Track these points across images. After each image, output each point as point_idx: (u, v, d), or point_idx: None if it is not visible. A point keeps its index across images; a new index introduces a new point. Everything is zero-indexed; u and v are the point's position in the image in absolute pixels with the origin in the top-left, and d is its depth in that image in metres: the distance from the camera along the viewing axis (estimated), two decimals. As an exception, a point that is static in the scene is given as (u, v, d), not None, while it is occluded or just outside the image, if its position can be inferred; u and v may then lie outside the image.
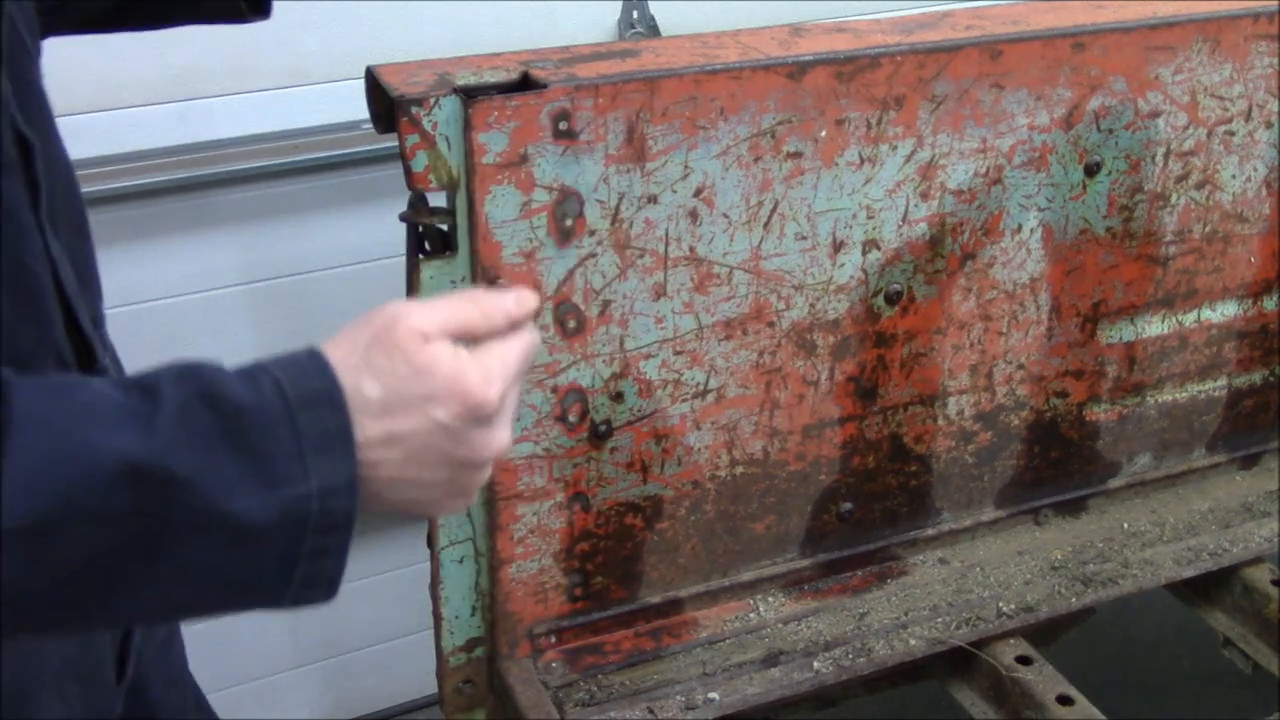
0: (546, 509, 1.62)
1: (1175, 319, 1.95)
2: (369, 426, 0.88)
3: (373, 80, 1.47)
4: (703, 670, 1.71)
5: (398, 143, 1.42)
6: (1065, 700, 1.69)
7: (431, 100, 1.39)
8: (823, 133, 1.56)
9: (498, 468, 1.56)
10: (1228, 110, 1.82)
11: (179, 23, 1.45)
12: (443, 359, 0.90)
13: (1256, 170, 1.89)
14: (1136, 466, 2.07)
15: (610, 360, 1.57)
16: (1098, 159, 1.76)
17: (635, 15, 2.45)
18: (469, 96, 1.39)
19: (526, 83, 1.43)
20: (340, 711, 2.81)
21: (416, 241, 1.50)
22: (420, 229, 1.49)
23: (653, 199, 1.51)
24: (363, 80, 1.51)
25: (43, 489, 0.80)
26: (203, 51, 2.10)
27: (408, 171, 1.42)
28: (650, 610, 1.76)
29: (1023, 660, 1.76)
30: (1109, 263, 1.85)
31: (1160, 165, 1.81)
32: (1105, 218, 1.81)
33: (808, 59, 1.52)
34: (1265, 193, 1.91)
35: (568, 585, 1.68)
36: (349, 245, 2.39)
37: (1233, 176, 1.88)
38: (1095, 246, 1.82)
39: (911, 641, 1.77)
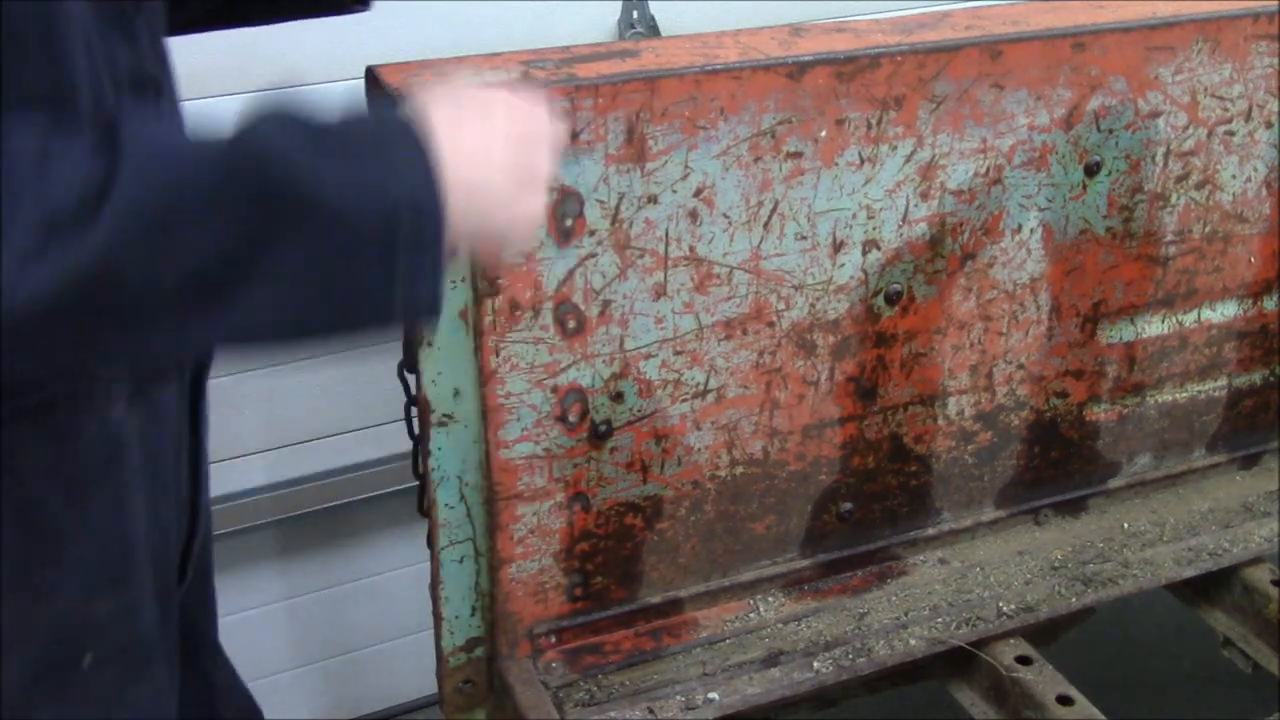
0: (546, 509, 1.62)
1: (1175, 319, 1.95)
2: (445, 142, 1.00)
3: (373, 80, 1.47)
4: (703, 670, 1.71)
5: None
6: (1065, 700, 1.69)
7: (431, 100, 1.39)
8: (823, 133, 1.56)
9: (498, 468, 1.56)
10: (1228, 110, 1.82)
11: (286, 18, 1.59)
12: (500, 92, 1.10)
13: (1256, 170, 1.89)
14: (1136, 466, 2.07)
15: (610, 360, 1.57)
16: (1098, 159, 1.76)
17: (635, 15, 2.45)
18: (469, 96, 1.39)
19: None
20: (340, 711, 2.81)
21: (416, 241, 1.50)
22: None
23: (653, 199, 1.51)
24: (363, 80, 1.51)
25: (155, 177, 0.90)
26: (203, 51, 2.10)
27: (408, 171, 1.42)
28: (650, 610, 1.76)
29: (1023, 660, 1.76)
30: (1109, 263, 1.85)
31: (1160, 165, 1.81)
32: (1105, 218, 1.81)
33: (808, 59, 1.52)
34: (1265, 193, 1.91)
35: (568, 585, 1.68)
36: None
37: (1233, 176, 1.88)
38: (1095, 246, 1.82)
39: (911, 641, 1.77)
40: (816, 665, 1.72)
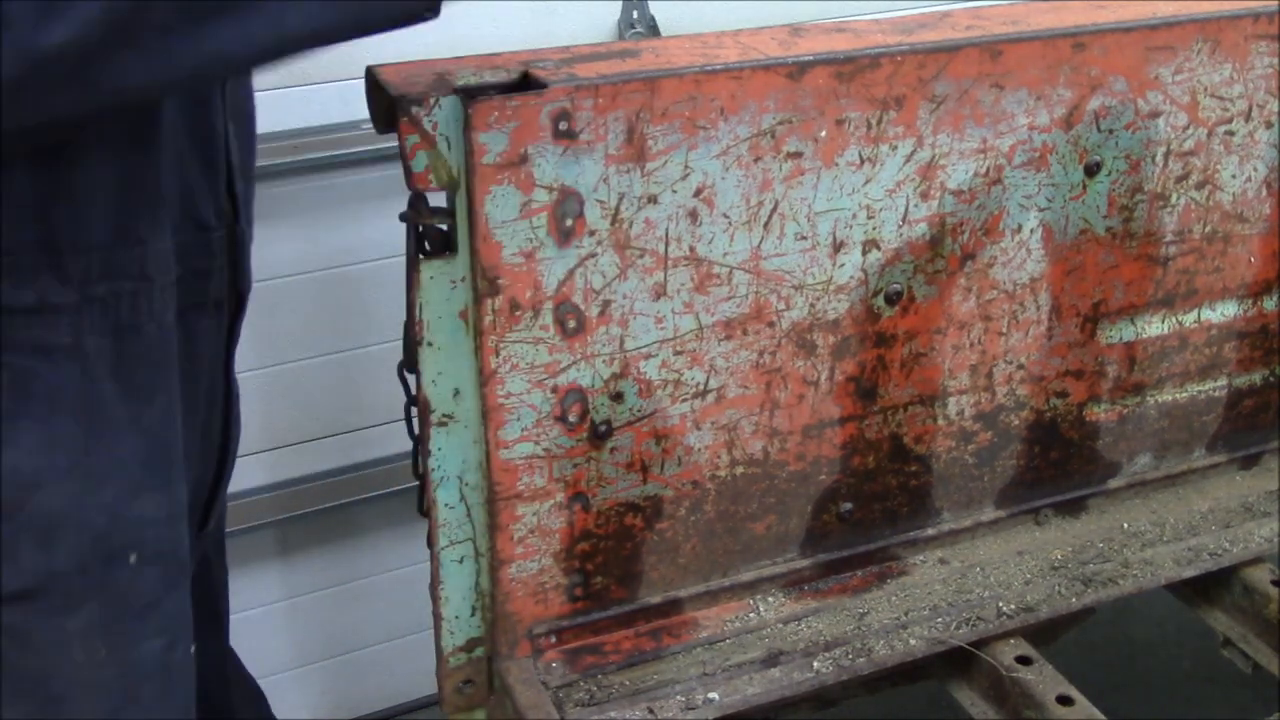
0: (546, 509, 1.62)
1: (1175, 319, 1.95)
2: None
3: (373, 80, 1.47)
4: (703, 670, 1.71)
5: (397, 143, 1.42)
6: (1065, 700, 1.69)
7: (431, 100, 1.39)
8: (823, 133, 1.57)
9: (498, 468, 1.56)
10: (1228, 110, 1.82)
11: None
12: None
13: (1256, 170, 1.89)
14: (1136, 466, 2.07)
15: (610, 360, 1.57)
16: (1098, 159, 1.76)
17: (635, 15, 2.45)
18: (469, 96, 1.39)
19: (526, 83, 1.43)
20: (340, 711, 2.81)
21: (416, 241, 1.50)
22: (420, 229, 1.49)
23: (653, 199, 1.51)
24: (363, 80, 1.51)
25: None
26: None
27: (408, 171, 1.42)
28: (650, 610, 1.76)
29: (1023, 660, 1.76)
30: (1109, 263, 1.85)
31: (1160, 165, 1.81)
32: (1105, 218, 1.81)
33: (808, 59, 1.52)
34: (1265, 193, 1.91)
35: (568, 585, 1.68)
36: (348, 246, 2.39)
37: (1233, 176, 1.88)
38: (1095, 246, 1.82)
39: (911, 641, 1.77)
40: (816, 665, 1.72)
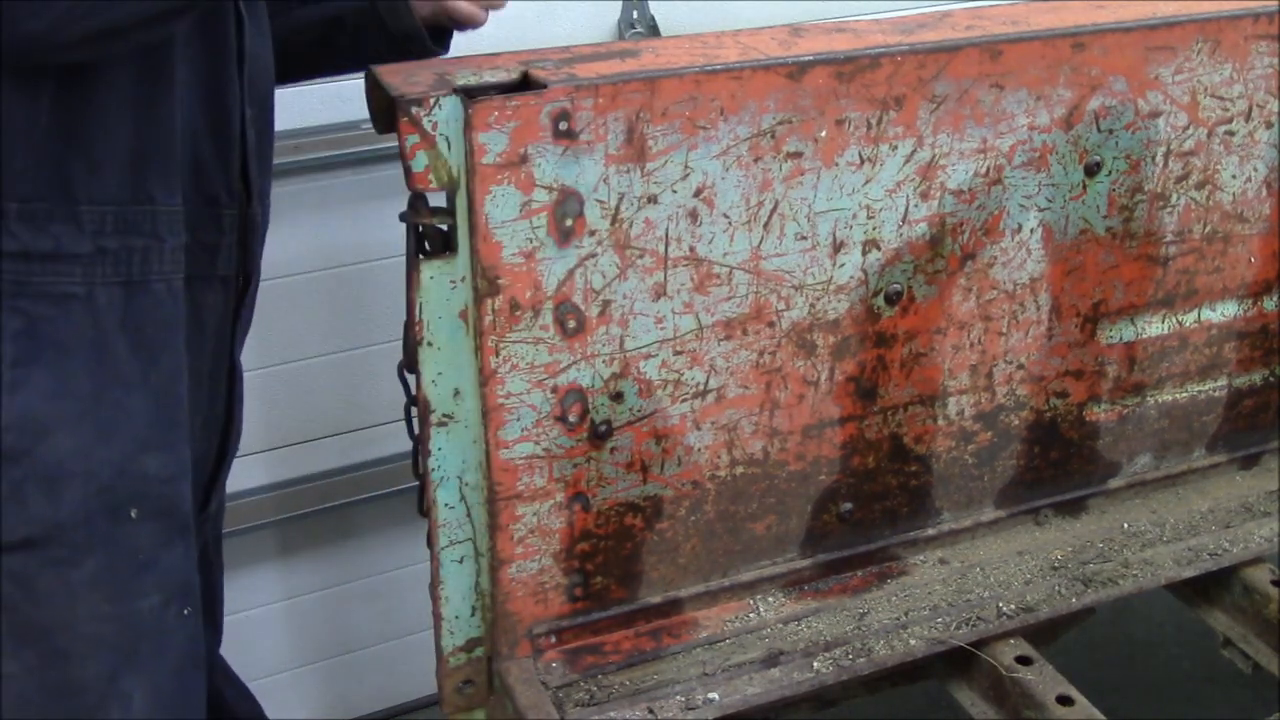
0: (546, 509, 1.62)
1: (1175, 319, 1.95)
2: None
3: (373, 80, 1.47)
4: (703, 670, 1.71)
5: (397, 143, 1.42)
6: (1065, 700, 1.69)
7: (431, 100, 1.39)
8: (823, 133, 1.56)
9: (498, 468, 1.56)
10: (1228, 110, 1.82)
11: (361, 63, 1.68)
12: None
13: (1256, 170, 1.89)
14: (1136, 466, 2.07)
15: (610, 360, 1.57)
16: (1098, 159, 1.76)
17: (635, 15, 2.45)
18: (469, 96, 1.39)
19: (526, 83, 1.43)
20: (340, 711, 2.81)
21: (417, 241, 1.50)
22: (420, 229, 1.49)
23: (653, 199, 1.51)
24: (363, 80, 1.51)
25: None
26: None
27: (408, 171, 1.42)
28: (650, 610, 1.76)
29: (1023, 660, 1.76)
30: (1109, 263, 1.85)
31: (1160, 165, 1.81)
32: (1105, 218, 1.81)
33: (808, 59, 1.52)
34: (1265, 193, 1.91)
35: (568, 585, 1.68)
36: (348, 246, 2.39)
37: (1233, 176, 1.88)
38: (1095, 246, 1.82)
39: (911, 641, 1.77)
40: (816, 665, 1.72)
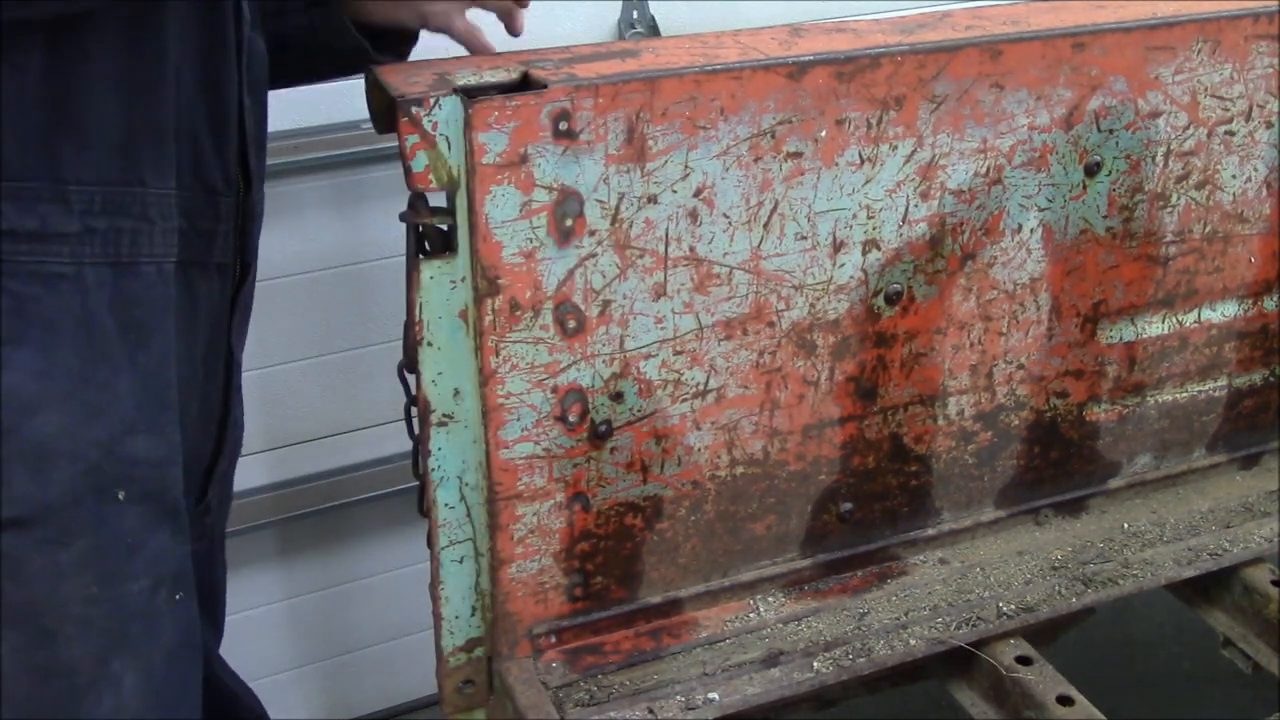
0: (546, 509, 1.62)
1: (1175, 319, 1.95)
2: None
3: (373, 80, 1.47)
4: (703, 670, 1.71)
5: (397, 143, 1.42)
6: (1065, 700, 1.69)
7: (432, 100, 1.39)
8: (823, 133, 1.56)
9: (498, 468, 1.56)
10: (1228, 110, 1.82)
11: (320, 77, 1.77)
12: None
13: (1256, 170, 1.89)
14: (1136, 466, 2.07)
15: (610, 360, 1.57)
16: (1098, 159, 1.76)
17: (635, 15, 2.45)
18: (469, 96, 1.39)
19: (526, 83, 1.43)
20: (340, 711, 2.81)
21: (417, 241, 1.50)
22: (420, 229, 1.49)
23: (653, 199, 1.51)
24: (363, 80, 1.51)
25: None
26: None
27: (408, 171, 1.42)
28: (650, 610, 1.76)
29: (1023, 660, 1.76)
30: (1109, 263, 1.85)
31: (1160, 165, 1.81)
32: (1105, 218, 1.81)
33: (808, 59, 1.52)
34: (1265, 193, 1.91)
35: (568, 585, 1.68)
36: (348, 246, 2.39)
37: (1233, 176, 1.88)
38: (1095, 246, 1.82)
39: (911, 641, 1.77)
40: (816, 665, 1.72)
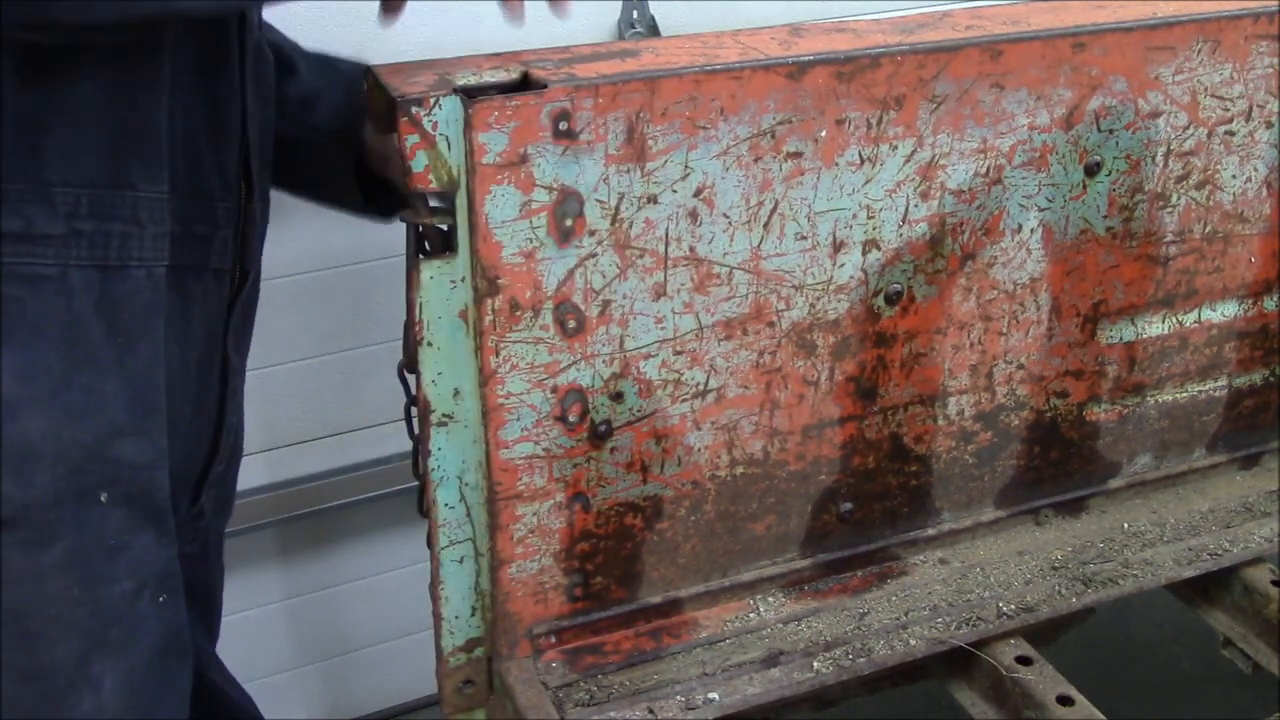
0: (546, 509, 1.62)
1: (1175, 319, 1.95)
2: None
3: (373, 80, 1.47)
4: (703, 670, 1.71)
5: (397, 143, 1.42)
6: (1065, 700, 1.69)
7: (432, 100, 1.39)
8: (823, 133, 1.56)
9: (498, 468, 1.56)
10: (1228, 110, 1.82)
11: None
12: None
13: (1257, 170, 1.89)
14: (1137, 466, 2.07)
15: (610, 360, 1.57)
16: (1098, 159, 1.76)
17: (635, 15, 2.45)
18: (469, 96, 1.39)
19: (526, 83, 1.43)
20: (340, 711, 2.81)
21: (417, 241, 1.50)
22: (420, 229, 1.49)
23: (653, 199, 1.51)
24: (363, 80, 1.51)
25: None
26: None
27: (408, 171, 1.42)
28: (650, 610, 1.76)
29: (1023, 660, 1.76)
30: (1109, 263, 1.85)
31: (1160, 165, 1.81)
32: (1105, 218, 1.81)
33: (808, 59, 1.52)
34: (1265, 193, 1.91)
35: (568, 585, 1.68)
36: (349, 246, 2.39)
37: (1233, 176, 1.88)
38: (1095, 246, 1.82)
39: (911, 641, 1.77)
40: (816, 665, 1.72)
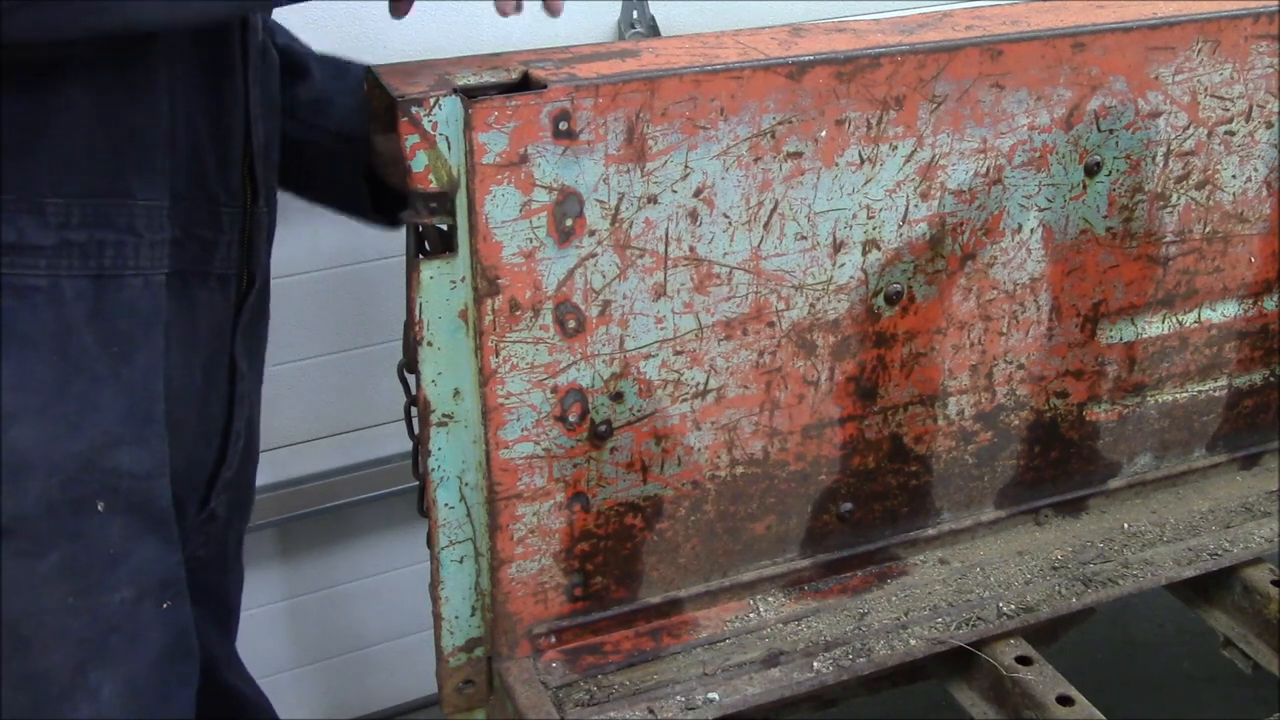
0: (546, 509, 1.62)
1: (1175, 319, 1.95)
2: None
3: (373, 80, 1.47)
4: (703, 670, 1.71)
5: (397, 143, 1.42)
6: (1065, 700, 1.69)
7: (432, 100, 1.39)
8: (823, 133, 1.57)
9: (498, 468, 1.56)
10: (1228, 110, 1.82)
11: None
12: None
13: (1256, 170, 1.89)
14: (1137, 466, 2.07)
15: (610, 360, 1.57)
16: (1098, 159, 1.76)
17: (635, 15, 2.45)
18: (469, 96, 1.39)
19: (526, 83, 1.43)
20: (340, 711, 2.81)
21: (417, 241, 1.50)
22: (420, 229, 1.49)
23: (653, 199, 1.51)
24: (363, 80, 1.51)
25: None
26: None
27: (408, 171, 1.42)
28: (650, 610, 1.76)
29: (1023, 660, 1.76)
30: (1109, 263, 1.85)
31: (1160, 165, 1.81)
32: (1105, 218, 1.81)
33: (808, 59, 1.52)
34: (1265, 193, 1.91)
35: (568, 585, 1.68)
36: (349, 246, 2.39)
37: (1233, 176, 1.88)
38: (1095, 246, 1.82)
39: (911, 641, 1.77)
40: (816, 665, 1.72)
